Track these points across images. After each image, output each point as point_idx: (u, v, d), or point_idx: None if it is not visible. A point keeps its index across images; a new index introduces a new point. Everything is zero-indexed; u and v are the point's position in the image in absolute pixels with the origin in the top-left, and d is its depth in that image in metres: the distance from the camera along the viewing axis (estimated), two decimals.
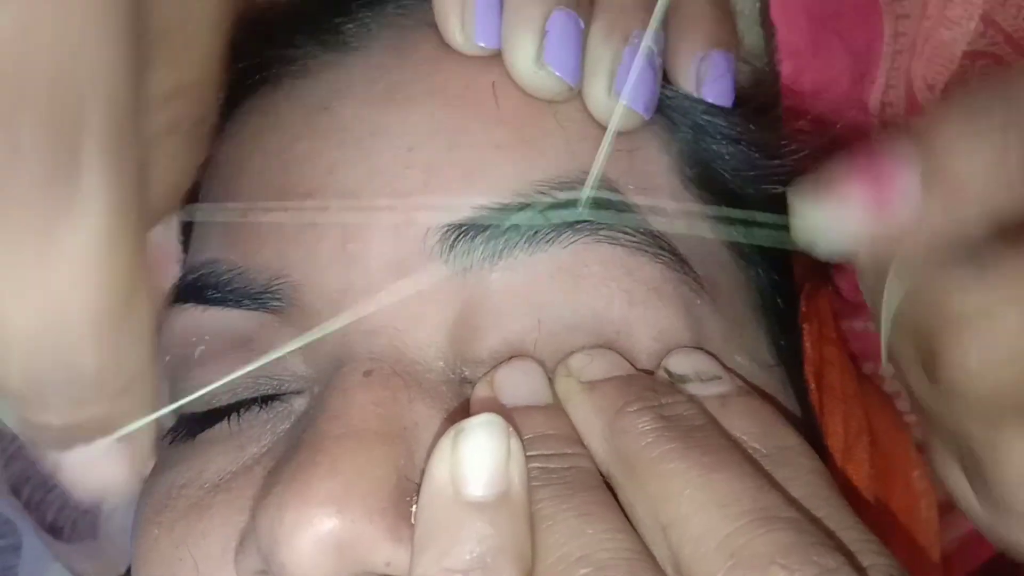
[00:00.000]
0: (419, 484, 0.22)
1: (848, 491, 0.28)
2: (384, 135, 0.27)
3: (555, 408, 0.25)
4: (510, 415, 0.24)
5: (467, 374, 0.26)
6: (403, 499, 0.23)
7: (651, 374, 0.26)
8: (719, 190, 0.29)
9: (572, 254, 0.26)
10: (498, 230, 0.25)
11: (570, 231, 0.26)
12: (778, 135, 0.31)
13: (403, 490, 0.23)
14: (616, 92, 0.27)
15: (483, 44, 0.27)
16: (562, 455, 0.23)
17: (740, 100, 0.30)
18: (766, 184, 0.30)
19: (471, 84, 0.27)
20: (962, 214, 0.20)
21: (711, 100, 0.29)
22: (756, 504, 0.20)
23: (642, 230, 0.26)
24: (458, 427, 0.22)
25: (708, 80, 0.29)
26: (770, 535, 0.19)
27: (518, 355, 0.25)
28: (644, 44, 0.27)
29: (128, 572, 0.29)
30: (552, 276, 0.26)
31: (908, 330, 0.21)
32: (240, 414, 0.27)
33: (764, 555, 0.19)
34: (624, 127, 0.27)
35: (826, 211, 0.21)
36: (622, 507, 0.22)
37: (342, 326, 0.25)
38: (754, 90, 0.32)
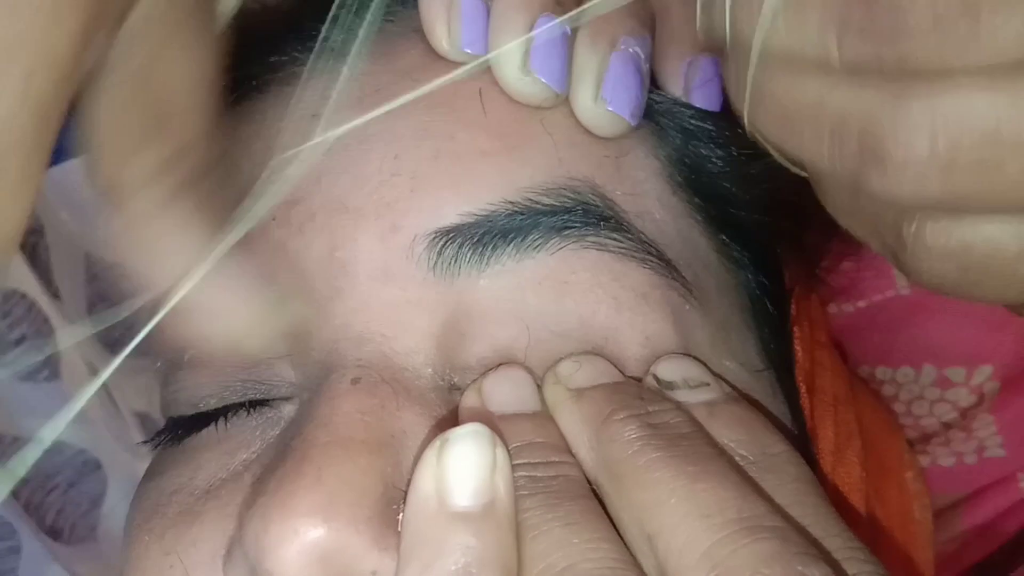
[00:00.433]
0: (406, 492, 0.22)
1: (837, 498, 0.28)
2: (371, 142, 0.27)
3: (543, 416, 0.25)
4: (498, 423, 0.24)
5: (456, 381, 0.26)
6: (390, 507, 0.23)
7: (639, 380, 0.25)
8: (708, 194, 0.29)
9: (560, 260, 0.26)
10: (486, 236, 0.25)
11: (558, 237, 0.26)
12: None
13: (390, 498, 0.23)
14: (603, 98, 0.27)
15: (470, 51, 0.27)
16: (549, 463, 0.23)
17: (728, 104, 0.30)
18: (755, 188, 0.29)
19: (458, 91, 0.27)
20: None
21: (699, 105, 0.29)
22: (741, 514, 0.20)
23: (630, 236, 0.26)
24: (443, 437, 0.22)
25: (696, 85, 0.28)
26: (754, 545, 0.19)
27: (506, 362, 0.25)
28: (631, 50, 0.27)
29: None
30: (540, 282, 0.26)
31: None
32: (228, 419, 0.27)
33: (747, 565, 0.19)
34: (611, 133, 0.27)
35: None
36: (610, 516, 0.22)
37: (332, 329, 0.25)
38: None
